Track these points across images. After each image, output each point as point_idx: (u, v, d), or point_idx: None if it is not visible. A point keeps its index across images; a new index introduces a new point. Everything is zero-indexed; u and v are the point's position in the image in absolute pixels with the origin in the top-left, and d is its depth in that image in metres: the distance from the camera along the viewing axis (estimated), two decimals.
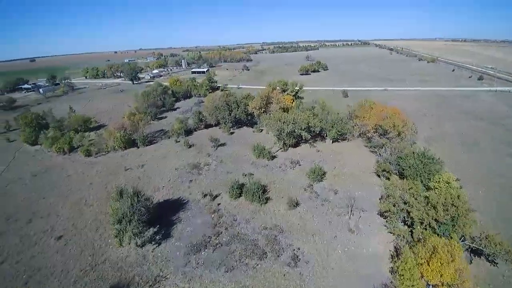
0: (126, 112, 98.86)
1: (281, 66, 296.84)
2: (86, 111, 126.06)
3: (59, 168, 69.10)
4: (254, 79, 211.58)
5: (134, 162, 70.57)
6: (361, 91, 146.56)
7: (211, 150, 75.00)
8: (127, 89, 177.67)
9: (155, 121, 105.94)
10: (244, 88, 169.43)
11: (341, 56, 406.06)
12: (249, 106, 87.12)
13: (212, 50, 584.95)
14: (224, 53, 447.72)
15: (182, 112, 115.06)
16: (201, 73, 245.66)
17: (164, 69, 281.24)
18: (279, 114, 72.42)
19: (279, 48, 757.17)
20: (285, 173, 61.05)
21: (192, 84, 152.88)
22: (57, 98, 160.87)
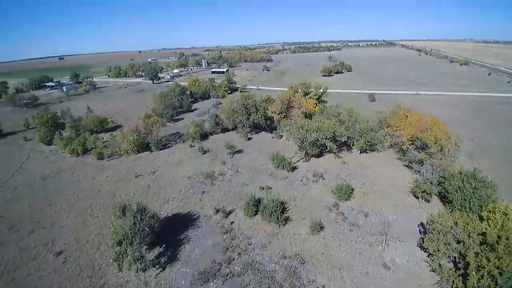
0: (142, 114, 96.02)
1: (302, 67, 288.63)
2: (105, 111, 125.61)
3: (70, 172, 66.60)
4: (274, 80, 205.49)
5: (146, 167, 66.85)
6: (389, 95, 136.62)
7: (227, 157, 69.91)
8: (147, 89, 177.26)
9: (171, 123, 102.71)
10: (264, 89, 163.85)
11: (365, 57, 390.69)
12: (268, 110, 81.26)
13: (232, 50, 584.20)
14: (244, 53, 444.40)
15: (199, 114, 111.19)
16: (220, 73, 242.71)
17: (185, 69, 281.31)
18: (301, 121, 66.10)
19: (300, 48, 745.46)
20: (307, 188, 54.70)
21: (211, 85, 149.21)
22: (79, 97, 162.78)
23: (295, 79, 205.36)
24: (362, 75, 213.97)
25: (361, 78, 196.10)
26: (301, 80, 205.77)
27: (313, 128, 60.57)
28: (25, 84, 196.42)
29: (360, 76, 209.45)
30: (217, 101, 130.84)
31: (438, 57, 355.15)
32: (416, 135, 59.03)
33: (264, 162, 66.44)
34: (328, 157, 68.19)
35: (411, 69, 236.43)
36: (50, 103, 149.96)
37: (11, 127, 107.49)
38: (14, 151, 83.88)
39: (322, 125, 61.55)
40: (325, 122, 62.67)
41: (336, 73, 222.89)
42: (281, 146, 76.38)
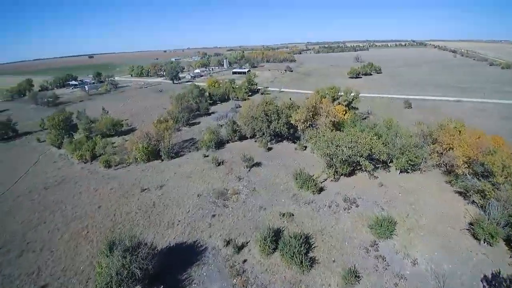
0: (156, 117, 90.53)
1: (327, 68, 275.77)
2: (122, 112, 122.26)
3: (73, 182, 61.47)
4: (297, 81, 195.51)
5: (153, 180, 60.41)
6: (427, 101, 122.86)
7: (243, 171, 61.95)
8: (167, 89, 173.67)
9: (186, 127, 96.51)
10: (286, 92, 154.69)
11: (395, 58, 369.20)
12: (292, 118, 72.37)
13: (255, 50, 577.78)
14: (267, 53, 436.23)
15: (217, 118, 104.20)
16: (242, 74, 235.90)
17: (206, 68, 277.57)
18: (330, 133, 56.78)
19: (324, 48, 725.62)
20: (337, 218, 45.45)
21: (231, 86, 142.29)
22: (99, 96, 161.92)
23: (320, 81, 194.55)
24: (393, 77, 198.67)
25: (392, 81, 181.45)
26: (326, 82, 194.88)
27: (346, 143, 51.08)
28: (50, 82, 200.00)
29: (391, 78, 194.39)
30: (236, 104, 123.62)
31: (476, 59, 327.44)
32: (475, 157, 47.86)
33: (285, 179, 57.78)
34: (361, 176, 58.28)
35: (448, 72, 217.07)
36: (71, 102, 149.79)
37: (29, 126, 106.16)
38: (25, 153, 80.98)
39: (356, 139, 51.89)
40: (361, 136, 52.87)
41: (364, 75, 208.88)
42: (305, 159, 67.35)
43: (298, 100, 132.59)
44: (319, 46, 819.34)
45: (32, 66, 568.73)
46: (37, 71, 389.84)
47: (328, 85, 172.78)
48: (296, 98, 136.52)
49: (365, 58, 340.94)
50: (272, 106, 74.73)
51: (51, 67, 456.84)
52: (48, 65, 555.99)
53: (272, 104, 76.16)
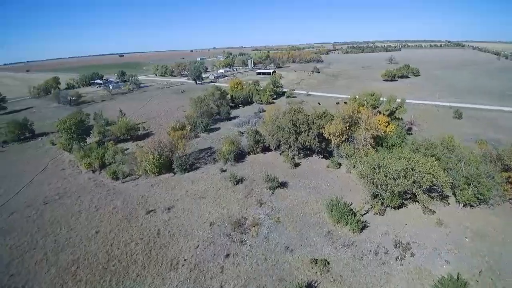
0: (170, 126, 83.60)
1: (357, 69, 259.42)
2: (141, 114, 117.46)
3: (76, 196, 55.08)
4: (325, 84, 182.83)
5: (162, 198, 52.62)
6: (479, 111, 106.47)
7: (266, 193, 52.45)
8: (189, 90, 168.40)
9: (205, 134, 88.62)
10: (314, 95, 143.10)
11: (432, 59, 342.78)
12: (324, 131, 61.65)
13: (281, 50, 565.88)
14: (292, 53, 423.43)
15: (238, 124, 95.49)
16: (266, 75, 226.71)
17: (230, 68, 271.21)
18: (376, 156, 45.75)
19: (353, 48, 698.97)
20: (387, 273, 34.62)
21: (254, 89, 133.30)
22: (121, 96, 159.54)
23: (351, 84, 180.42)
24: (434, 81, 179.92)
25: (433, 86, 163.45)
26: (357, 85, 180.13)
27: (398, 170, 39.91)
28: (76, 81, 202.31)
29: (432, 82, 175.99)
30: (260, 108, 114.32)
31: None
32: None
33: (316, 208, 47.51)
34: (412, 209, 46.63)
35: (494, 77, 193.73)
36: (93, 102, 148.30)
37: (47, 127, 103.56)
38: (36, 157, 76.81)
39: (412, 165, 40.55)
40: (417, 161, 41.35)
41: (400, 78, 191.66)
42: (340, 181, 56.57)
43: (328, 105, 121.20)
44: (347, 46, 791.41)
45: (66, 64, 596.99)
46: (70, 68, 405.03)
47: (360, 88, 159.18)
48: (325, 103, 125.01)
49: (398, 59, 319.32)
50: (302, 115, 64.40)
51: (83, 65, 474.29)
52: (81, 63, 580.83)
53: (302, 113, 65.83)
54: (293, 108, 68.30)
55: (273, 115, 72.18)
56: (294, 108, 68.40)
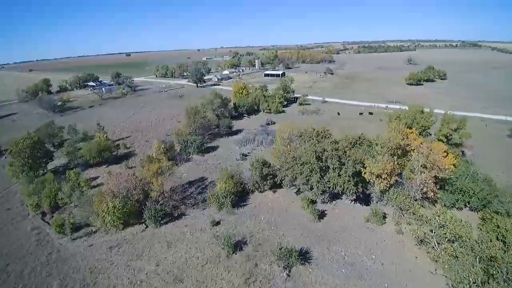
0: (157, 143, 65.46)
1: (374, 71, 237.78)
2: (129, 124, 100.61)
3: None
4: (341, 87, 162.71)
5: (118, 279, 34.41)
6: None
7: (278, 276, 33.70)
8: (188, 94, 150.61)
9: (198, 156, 70.32)
10: (331, 102, 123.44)
11: (454, 61, 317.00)
12: (366, 172, 42.09)
13: (289, 49, 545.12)
14: (302, 52, 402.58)
15: (241, 142, 76.77)
16: (275, 76, 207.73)
17: (235, 69, 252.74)
18: (455, 223, 26.78)
19: (364, 48, 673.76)
20: None
21: (262, 95, 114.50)
22: (113, 101, 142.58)
23: (370, 88, 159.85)
24: (466, 87, 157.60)
25: (467, 92, 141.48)
26: (379, 89, 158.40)
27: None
28: (69, 82, 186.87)
29: (464, 88, 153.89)
30: (269, 119, 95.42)
31: None
32: None
33: None
34: None
35: None
36: (80, 108, 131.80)
37: None
38: None
39: None
40: None
41: (424, 81, 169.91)
42: (391, 251, 37.35)
43: (349, 115, 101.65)
44: (358, 46, 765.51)
45: (74, 63, 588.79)
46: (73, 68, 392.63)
47: (382, 93, 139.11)
48: (345, 112, 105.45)
49: (417, 60, 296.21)
50: (329, 143, 45.16)
51: (89, 65, 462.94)
52: (88, 62, 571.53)
53: (328, 139, 46.78)
54: (316, 130, 49.25)
55: (286, 138, 53.40)
56: (317, 130, 49.33)
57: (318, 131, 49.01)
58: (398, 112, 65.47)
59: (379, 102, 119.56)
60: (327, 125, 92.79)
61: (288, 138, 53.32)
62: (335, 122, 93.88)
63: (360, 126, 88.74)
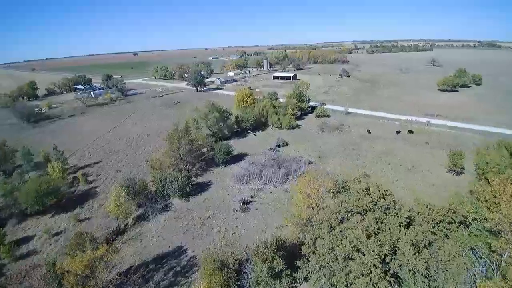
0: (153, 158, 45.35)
1: (395, 73, 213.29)
2: (105, 142, 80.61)
3: None
4: (363, 93, 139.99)
5: None
6: None
7: None
8: (185, 100, 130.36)
9: (181, 201, 49.62)
10: (355, 113, 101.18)
11: (479, 62, 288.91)
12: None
13: (298, 49, 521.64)
14: (314, 52, 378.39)
15: (243, 177, 55.62)
16: (285, 79, 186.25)
17: (242, 71, 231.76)
18: None
19: (377, 47, 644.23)
20: None
21: (271, 105, 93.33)
22: (97, 109, 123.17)
23: (397, 94, 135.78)
24: (505, 93, 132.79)
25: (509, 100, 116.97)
26: (409, 96, 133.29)
27: None
28: (58, 85, 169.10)
29: (503, 94, 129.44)
30: (280, 139, 74.01)
31: None
32: None
33: None
34: None
35: None
36: (59, 117, 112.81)
37: None
38: None
39: None
40: None
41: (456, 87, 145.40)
42: None
43: (383, 133, 79.44)
44: (371, 45, 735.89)
45: (80, 62, 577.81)
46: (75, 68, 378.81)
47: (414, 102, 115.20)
48: (376, 129, 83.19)
49: (440, 61, 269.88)
50: (402, 229, 23.83)
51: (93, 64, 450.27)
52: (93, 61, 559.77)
53: (397, 215, 25.39)
54: (368, 193, 27.86)
55: (312, 197, 32.21)
56: (370, 192, 27.95)
57: (373, 195, 27.48)
58: None
59: (415, 114, 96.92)
60: (357, 148, 71.85)
61: (314, 196, 32.15)
62: (366, 144, 72.15)
63: (400, 152, 67.01)
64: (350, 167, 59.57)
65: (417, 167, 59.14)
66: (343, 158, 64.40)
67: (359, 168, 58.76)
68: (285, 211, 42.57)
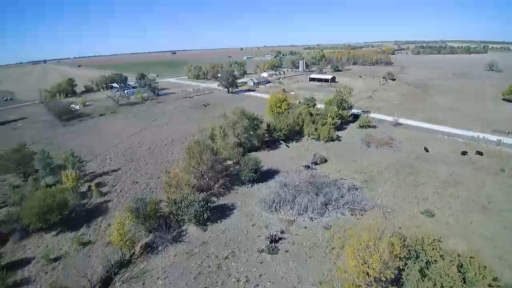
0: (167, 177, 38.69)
1: (447, 78, 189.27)
2: (128, 146, 76.07)
3: None
4: (413, 101, 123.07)
5: None
6: None
7: None
8: (216, 102, 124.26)
9: (196, 228, 41.75)
10: (407, 125, 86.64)
11: None
12: None
13: (336, 49, 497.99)
14: (353, 52, 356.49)
15: (272, 203, 46.42)
16: (323, 81, 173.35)
17: (276, 72, 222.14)
18: None
19: (423, 48, 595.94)
20: None
21: (307, 112, 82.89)
22: (127, 108, 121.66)
23: (456, 104, 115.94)
24: None
25: None
26: (466, 106, 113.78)
27: None
28: (95, 82, 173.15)
29: None
30: (317, 155, 63.30)
31: None
32: None
33: None
34: None
35: None
36: (90, 116, 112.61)
37: None
38: None
39: None
40: None
41: None
42: None
43: (443, 154, 64.76)
44: (415, 45, 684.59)
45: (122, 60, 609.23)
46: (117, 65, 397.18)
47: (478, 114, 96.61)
48: (434, 146, 68.88)
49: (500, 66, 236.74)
50: None
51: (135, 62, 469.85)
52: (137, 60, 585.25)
53: None
54: (446, 267, 17.08)
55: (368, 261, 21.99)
56: (445, 266, 17.13)
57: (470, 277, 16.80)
58: None
59: (481, 130, 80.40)
60: (414, 172, 57.58)
61: (374, 265, 21.94)
62: (425, 167, 58.87)
63: (470, 181, 53.05)
64: (406, 198, 47.61)
65: (496, 205, 45.48)
66: (396, 184, 52.33)
67: (419, 201, 46.63)
68: (323, 260, 32.71)
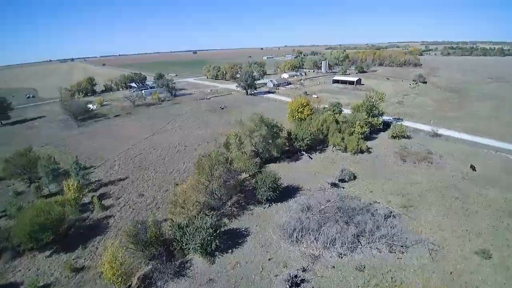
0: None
1: (483, 82, 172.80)
2: (139, 151, 71.73)
3: None
4: (450, 107, 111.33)
5: None
6: None
7: None
8: (233, 105, 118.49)
9: (202, 260, 35.65)
10: (447, 137, 76.26)
11: None
12: None
13: (359, 49, 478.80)
14: (379, 53, 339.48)
15: (292, 231, 39.37)
16: (347, 84, 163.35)
17: (297, 72, 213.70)
18: None
19: (453, 49, 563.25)
20: None
21: (332, 119, 74.92)
22: (143, 110, 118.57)
23: (499, 112, 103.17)
24: None
25: None
26: (506, 112, 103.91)
27: None
28: (115, 82, 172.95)
29: None
30: (344, 169, 55.65)
31: None
32: None
33: None
34: None
35: None
36: (105, 116, 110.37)
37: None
38: None
39: None
40: None
41: None
42: None
43: (492, 173, 54.61)
44: (444, 46, 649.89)
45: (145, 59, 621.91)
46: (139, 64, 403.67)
47: None
48: (481, 163, 58.74)
49: None
50: None
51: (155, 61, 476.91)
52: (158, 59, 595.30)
53: None
54: None
55: None
56: None
57: None
58: None
59: None
60: (462, 196, 47.14)
61: None
62: (474, 190, 49.50)
63: None
64: (456, 232, 39.05)
65: None
66: (442, 212, 43.69)
67: (471, 237, 38.02)
68: None
